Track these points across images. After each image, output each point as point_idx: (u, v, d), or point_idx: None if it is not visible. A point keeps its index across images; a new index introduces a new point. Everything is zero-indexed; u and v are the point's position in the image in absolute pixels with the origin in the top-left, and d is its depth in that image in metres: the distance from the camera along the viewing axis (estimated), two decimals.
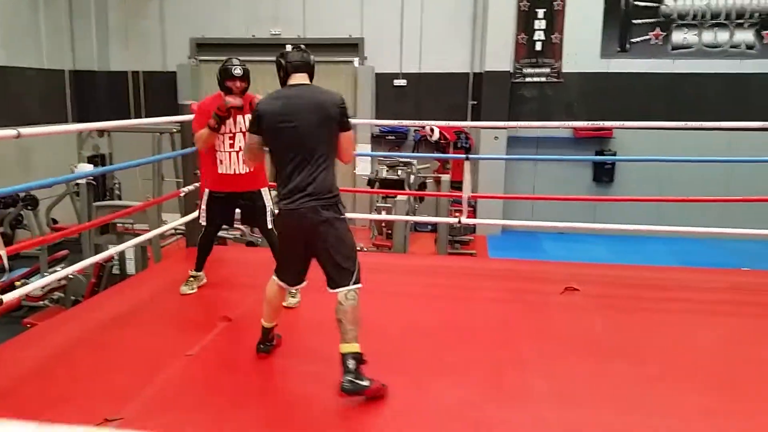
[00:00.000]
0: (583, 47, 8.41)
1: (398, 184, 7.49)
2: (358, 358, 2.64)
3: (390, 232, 7.00)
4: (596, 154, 8.56)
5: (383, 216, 6.91)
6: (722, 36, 8.14)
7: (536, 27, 8.43)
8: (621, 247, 7.69)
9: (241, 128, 3.78)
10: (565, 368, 3.00)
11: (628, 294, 4.20)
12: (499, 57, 8.48)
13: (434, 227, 7.49)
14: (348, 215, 2.90)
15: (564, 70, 8.52)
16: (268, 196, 3.89)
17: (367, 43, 9.12)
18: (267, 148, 2.86)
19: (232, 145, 3.75)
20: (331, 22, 9.12)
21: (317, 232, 2.73)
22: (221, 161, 3.80)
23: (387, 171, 7.72)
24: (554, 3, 8.34)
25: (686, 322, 3.65)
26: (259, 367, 2.91)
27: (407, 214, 6.73)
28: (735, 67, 8.16)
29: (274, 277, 2.95)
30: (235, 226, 6.93)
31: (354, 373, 2.60)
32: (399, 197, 6.40)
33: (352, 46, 9.17)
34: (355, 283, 2.73)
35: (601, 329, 3.46)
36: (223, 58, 4.21)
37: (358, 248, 7.22)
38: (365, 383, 2.59)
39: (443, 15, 8.89)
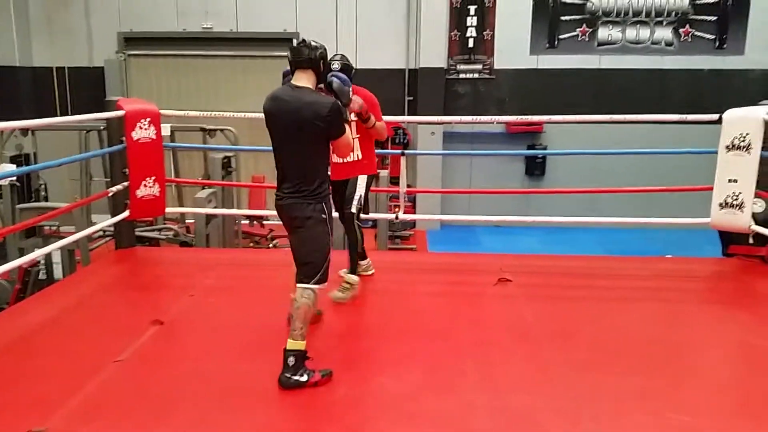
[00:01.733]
0: (513, 44, 8.63)
1: None
2: (300, 355, 2.69)
3: None
4: (528, 148, 8.81)
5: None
6: (644, 33, 8.53)
7: (468, 24, 8.58)
8: (552, 238, 7.96)
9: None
10: (498, 356, 3.10)
11: (558, 283, 4.36)
12: (434, 53, 8.60)
13: (375, 223, 7.52)
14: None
15: (496, 66, 8.72)
16: (362, 184, 3.81)
17: (301, 37, 9.04)
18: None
19: None
20: (264, 16, 9.01)
21: (292, 227, 2.86)
22: None
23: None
24: (485, 0, 8.51)
25: (612, 308, 3.81)
26: (191, 370, 2.86)
27: None
28: (656, 62, 8.56)
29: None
30: (166, 225, 6.80)
31: (292, 370, 2.68)
32: None
33: (287, 41, 9.07)
34: (315, 283, 2.78)
35: (533, 317, 3.58)
36: (153, 52, 4.04)
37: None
38: (303, 379, 2.67)
39: (378, 11, 8.93)
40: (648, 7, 8.44)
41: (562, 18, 8.55)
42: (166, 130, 6.18)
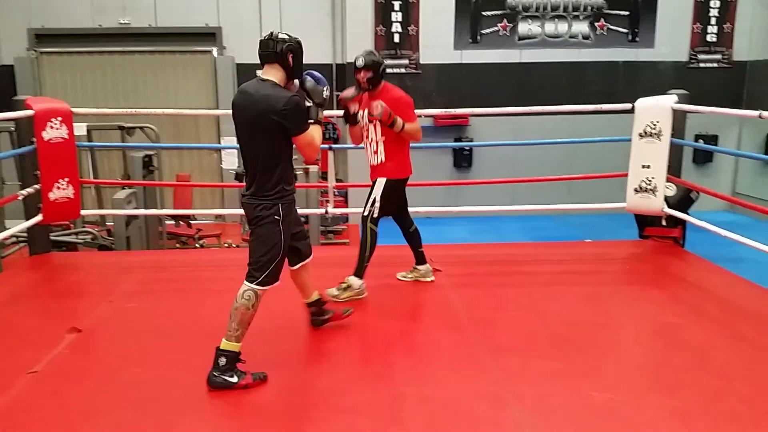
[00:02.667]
0: (437, 39, 8.73)
1: None
2: (232, 357, 2.64)
3: None
4: (455, 141, 8.96)
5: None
6: (562, 27, 8.82)
7: (393, 19, 8.63)
8: (480, 227, 8.13)
9: (368, 120, 3.71)
10: (426, 345, 3.15)
11: (485, 271, 4.47)
12: (360, 48, 8.52)
13: (306, 218, 7.46)
14: (216, 211, 2.86)
15: (422, 61, 8.80)
16: (379, 187, 3.72)
17: (225, 32, 8.85)
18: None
19: (367, 137, 3.78)
20: (184, 11, 8.74)
21: (249, 227, 2.82)
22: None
23: None
24: None
25: (535, 293, 3.94)
26: (111, 379, 2.74)
27: None
28: (574, 55, 8.88)
29: None
30: (85, 228, 6.50)
31: (221, 369, 2.63)
32: None
33: (210, 36, 8.86)
34: (258, 284, 2.72)
35: (460, 305, 3.65)
36: (67, 49, 3.82)
37: (226, 244, 7.04)
38: (232, 380, 2.62)
39: (302, 5, 8.84)
40: (565, 2, 8.74)
41: (484, 13, 8.72)
42: (82, 129, 5.92)
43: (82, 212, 4.89)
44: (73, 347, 3.04)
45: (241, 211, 7.44)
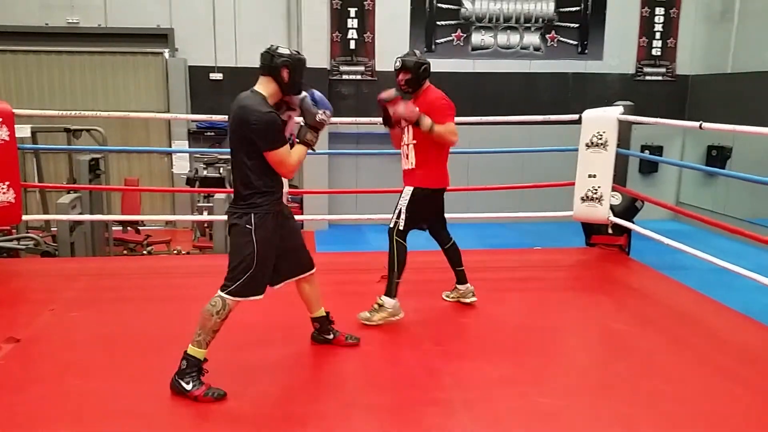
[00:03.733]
0: (393, 47, 8.73)
1: (219, 182, 7.26)
2: (194, 362, 2.61)
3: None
4: None
5: (203, 216, 6.67)
6: (514, 38, 9.00)
7: (349, 26, 8.64)
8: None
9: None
10: (376, 353, 3.14)
11: (436, 278, 4.49)
12: (316, 54, 8.56)
13: None
14: (166, 217, 2.81)
15: (378, 69, 8.83)
16: (405, 196, 3.51)
17: (177, 34, 8.68)
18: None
19: (402, 140, 3.61)
20: (135, 11, 8.53)
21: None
22: None
23: (206, 169, 7.45)
24: (365, 3, 8.61)
25: (485, 298, 3.95)
26: (51, 391, 2.65)
27: None
28: (525, 66, 9.07)
29: None
30: (29, 233, 6.26)
31: (180, 373, 2.60)
32: (218, 195, 6.20)
33: (161, 37, 8.68)
34: (228, 293, 2.68)
35: (412, 312, 3.66)
36: (12, 48, 3.66)
37: (175, 251, 6.89)
38: (187, 387, 2.58)
39: (257, 9, 8.75)
40: (517, 13, 8.93)
41: (438, 23, 8.83)
42: (25, 131, 5.70)
43: (25, 217, 4.72)
44: (10, 358, 2.92)
45: (193, 217, 7.33)
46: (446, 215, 5.64)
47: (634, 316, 3.75)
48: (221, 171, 7.33)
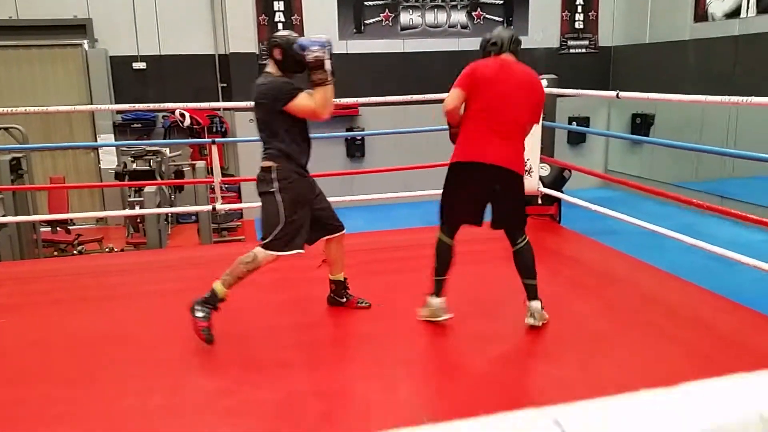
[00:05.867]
0: (322, 29, 8.62)
1: (150, 175, 7.05)
2: (213, 297, 2.97)
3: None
4: (346, 131, 9.00)
5: (134, 211, 6.47)
6: (441, 17, 9.07)
7: (275, 8, 8.48)
8: (376, 216, 8.25)
9: None
10: (318, 338, 3.16)
11: (377, 258, 4.55)
12: (243, 38, 8.40)
13: (197, 217, 7.22)
14: (95, 214, 2.78)
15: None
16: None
17: (96, 24, 8.30)
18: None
19: None
20: (50, 2, 8.11)
21: None
22: None
23: (134, 162, 7.21)
24: None
25: (426, 277, 4.05)
26: None
27: (161, 206, 6.37)
28: (454, 45, 9.16)
29: None
30: None
31: (201, 302, 2.97)
32: (147, 189, 6.02)
33: (80, 28, 8.28)
34: (264, 247, 3.01)
35: (354, 294, 3.69)
36: None
37: (107, 249, 6.66)
38: (198, 315, 2.94)
39: None
40: None
41: (366, 3, 8.78)
42: None
43: None
44: None
45: (125, 212, 7.09)
46: (387, 195, 5.61)
47: (567, 281, 3.91)
48: (151, 163, 7.11)
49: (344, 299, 3.50)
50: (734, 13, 7.48)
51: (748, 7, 7.28)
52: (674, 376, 2.61)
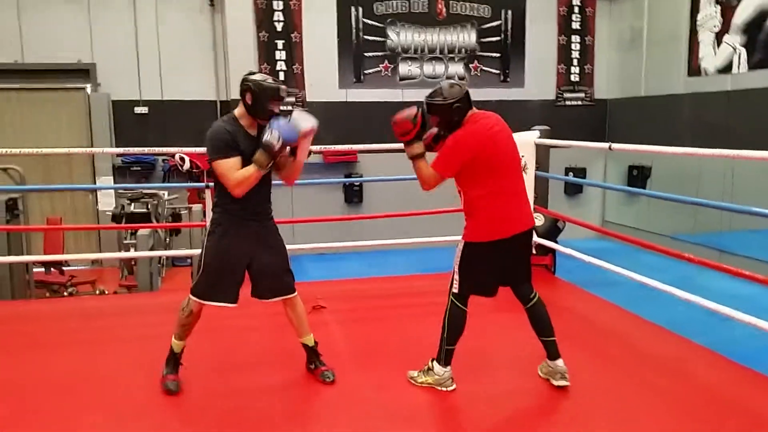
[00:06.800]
0: (322, 78, 8.86)
1: (146, 218, 7.07)
2: (171, 352, 3.03)
3: None
4: (345, 177, 9.06)
5: (127, 254, 6.45)
6: (439, 68, 9.26)
7: (278, 57, 8.66)
8: (373, 262, 8.22)
9: None
10: (305, 387, 3.09)
11: (372, 305, 4.50)
12: None
13: (191, 260, 7.20)
14: (89, 256, 2.80)
15: (308, 99, 8.87)
16: (457, 253, 3.07)
17: (99, 68, 8.47)
18: None
19: None
20: (54, 46, 8.28)
21: None
22: None
23: (131, 204, 7.23)
24: (292, 35, 8.66)
25: (419, 324, 3.99)
26: None
27: (155, 249, 6.35)
28: None
29: None
30: None
31: (167, 359, 3.02)
32: (141, 232, 6.02)
33: (83, 72, 8.45)
34: (191, 291, 2.99)
35: (343, 342, 3.64)
36: None
37: (98, 291, 6.62)
38: (164, 372, 3.02)
39: (180, 42, 8.65)
40: (441, 44, 9.19)
41: (366, 54, 8.97)
42: None
43: None
44: None
45: (116, 255, 7.06)
46: (385, 241, 5.57)
47: (560, 333, 3.84)
48: (148, 206, 7.13)
49: (311, 365, 3.19)
50: (726, 69, 7.63)
51: (739, 64, 7.43)
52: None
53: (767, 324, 3.15)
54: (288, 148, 2.95)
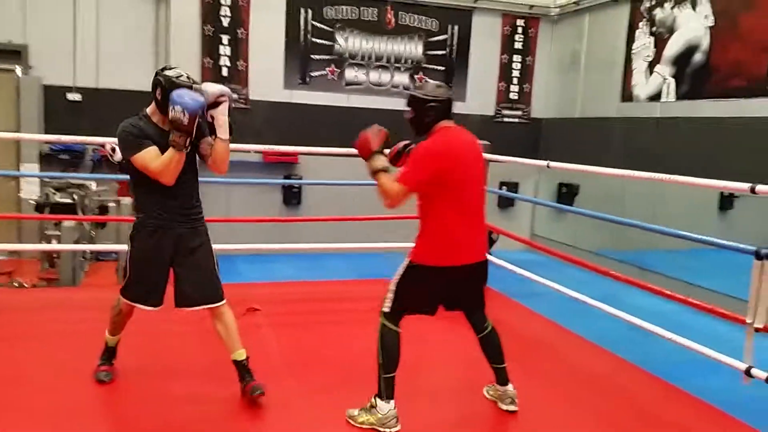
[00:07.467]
0: (267, 77, 8.76)
1: (71, 209, 6.76)
2: (105, 345, 3.11)
3: None
4: (284, 179, 8.98)
5: (48, 246, 6.14)
6: (385, 76, 9.33)
7: (222, 53, 8.50)
8: (309, 264, 8.17)
9: None
10: (235, 393, 3.03)
11: (306, 309, 4.48)
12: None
13: (117, 256, 6.93)
14: (11, 246, 2.70)
15: (251, 98, 8.75)
16: (399, 271, 2.85)
17: (32, 51, 8.06)
18: None
19: None
20: None
21: None
22: None
23: (56, 194, 6.90)
24: (238, 31, 8.53)
25: (353, 330, 4.01)
26: None
27: (80, 242, 6.09)
28: (396, 104, 9.39)
29: None
30: None
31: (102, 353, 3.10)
32: (66, 223, 5.76)
33: (14, 54, 8.01)
34: (120, 293, 2.97)
35: (276, 346, 3.60)
36: None
37: (16, 284, 6.32)
38: (98, 363, 3.11)
39: (121, 31, 8.36)
40: (389, 53, 9.27)
41: (313, 57, 8.94)
42: None
43: None
44: None
45: (42, 246, 6.76)
46: (321, 245, 5.53)
47: None
48: (74, 197, 6.83)
49: (242, 382, 2.97)
50: (656, 97, 8.06)
51: (668, 93, 7.87)
52: None
53: (685, 341, 3.35)
54: (206, 125, 2.83)
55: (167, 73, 2.79)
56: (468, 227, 2.75)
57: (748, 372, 2.98)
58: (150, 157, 2.73)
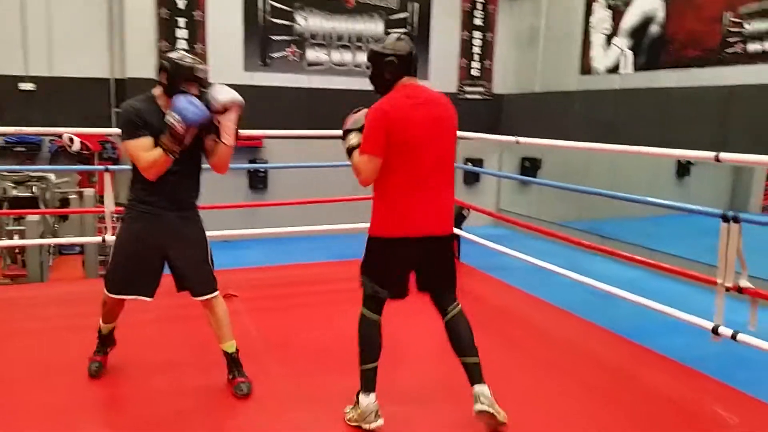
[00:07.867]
0: (227, 59, 8.60)
1: (32, 203, 6.57)
2: (99, 333, 3.06)
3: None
4: (249, 163, 8.89)
5: (12, 242, 5.98)
6: (347, 56, 9.28)
7: (178, 36, 8.30)
8: (278, 249, 8.16)
9: None
10: (223, 378, 3.05)
11: (281, 293, 4.50)
12: (141, 63, 8.12)
13: (82, 248, 6.79)
14: None
15: (212, 81, 8.57)
16: (365, 248, 2.67)
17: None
18: None
19: None
20: None
21: None
22: None
23: (15, 188, 6.70)
24: (194, 13, 8.34)
25: (329, 312, 4.05)
26: None
27: (44, 236, 5.95)
28: (358, 84, 9.35)
29: None
30: None
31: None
32: (29, 217, 5.62)
33: None
34: (104, 285, 2.89)
35: (256, 331, 3.62)
36: None
37: None
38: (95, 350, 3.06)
39: (73, 15, 8.09)
40: (350, 32, 9.21)
41: (273, 38, 8.82)
42: None
43: None
44: None
45: (8, 243, 6.58)
46: (289, 229, 5.54)
47: (469, 316, 4.04)
48: (34, 190, 6.65)
49: (230, 375, 2.91)
50: (614, 69, 8.23)
51: (626, 65, 8.04)
52: (575, 411, 2.73)
53: (654, 303, 3.48)
54: (213, 126, 2.81)
55: (170, 55, 2.79)
56: (424, 196, 2.49)
57: (715, 330, 3.11)
58: (141, 148, 2.68)
